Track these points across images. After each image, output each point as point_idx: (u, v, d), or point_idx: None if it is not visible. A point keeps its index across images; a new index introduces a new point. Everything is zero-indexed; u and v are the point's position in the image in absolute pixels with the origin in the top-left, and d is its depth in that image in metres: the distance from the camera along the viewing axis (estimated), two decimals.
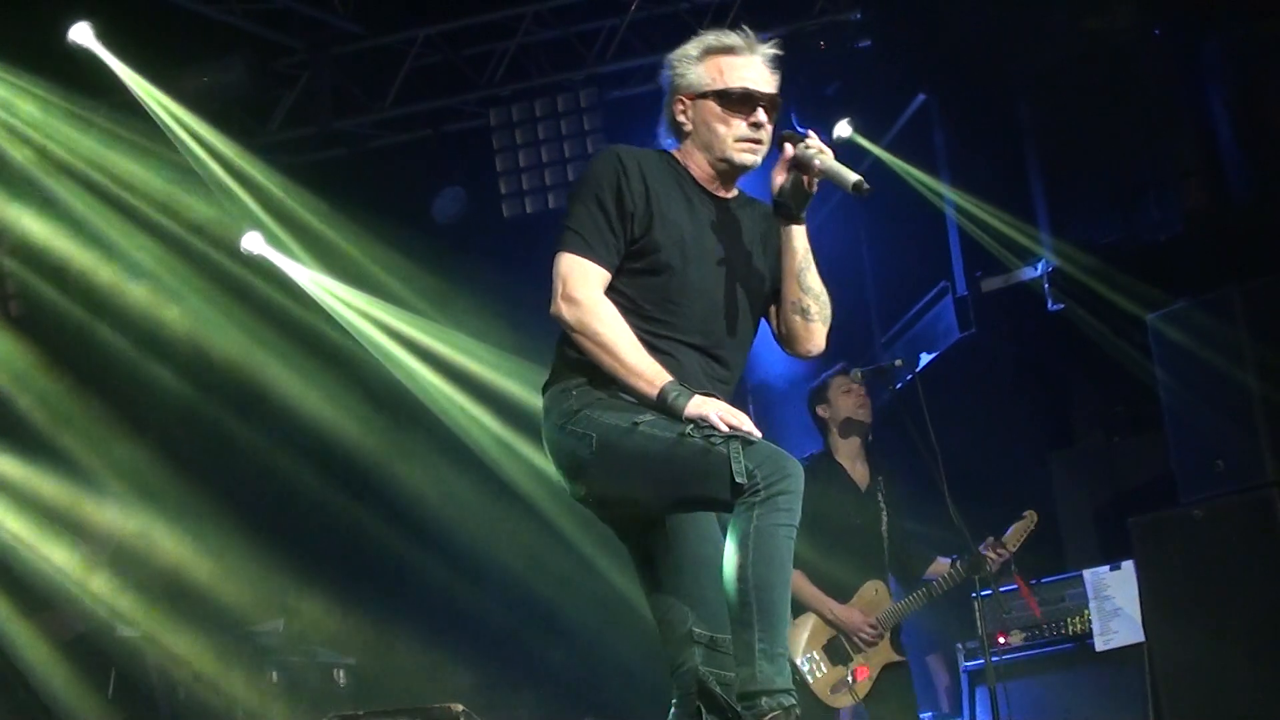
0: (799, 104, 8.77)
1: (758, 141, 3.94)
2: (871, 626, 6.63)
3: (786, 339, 4.06)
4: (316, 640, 8.41)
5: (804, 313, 3.99)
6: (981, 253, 8.62)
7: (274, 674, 7.84)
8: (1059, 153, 8.35)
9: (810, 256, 3.99)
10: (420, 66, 9.46)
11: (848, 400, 6.90)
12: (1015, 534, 6.71)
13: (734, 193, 4.07)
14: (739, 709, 3.67)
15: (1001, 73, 8.55)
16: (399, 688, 8.49)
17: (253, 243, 9.18)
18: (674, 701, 3.95)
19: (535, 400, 4.13)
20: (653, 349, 3.80)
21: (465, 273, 9.29)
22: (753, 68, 3.95)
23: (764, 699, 3.61)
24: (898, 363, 6.66)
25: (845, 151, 8.95)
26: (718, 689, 3.82)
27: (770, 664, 3.61)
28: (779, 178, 3.94)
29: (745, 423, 3.66)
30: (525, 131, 9.29)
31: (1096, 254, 7.98)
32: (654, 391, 3.70)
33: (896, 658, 6.75)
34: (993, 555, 6.58)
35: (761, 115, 3.92)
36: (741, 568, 3.60)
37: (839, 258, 10.06)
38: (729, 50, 3.96)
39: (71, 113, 8.39)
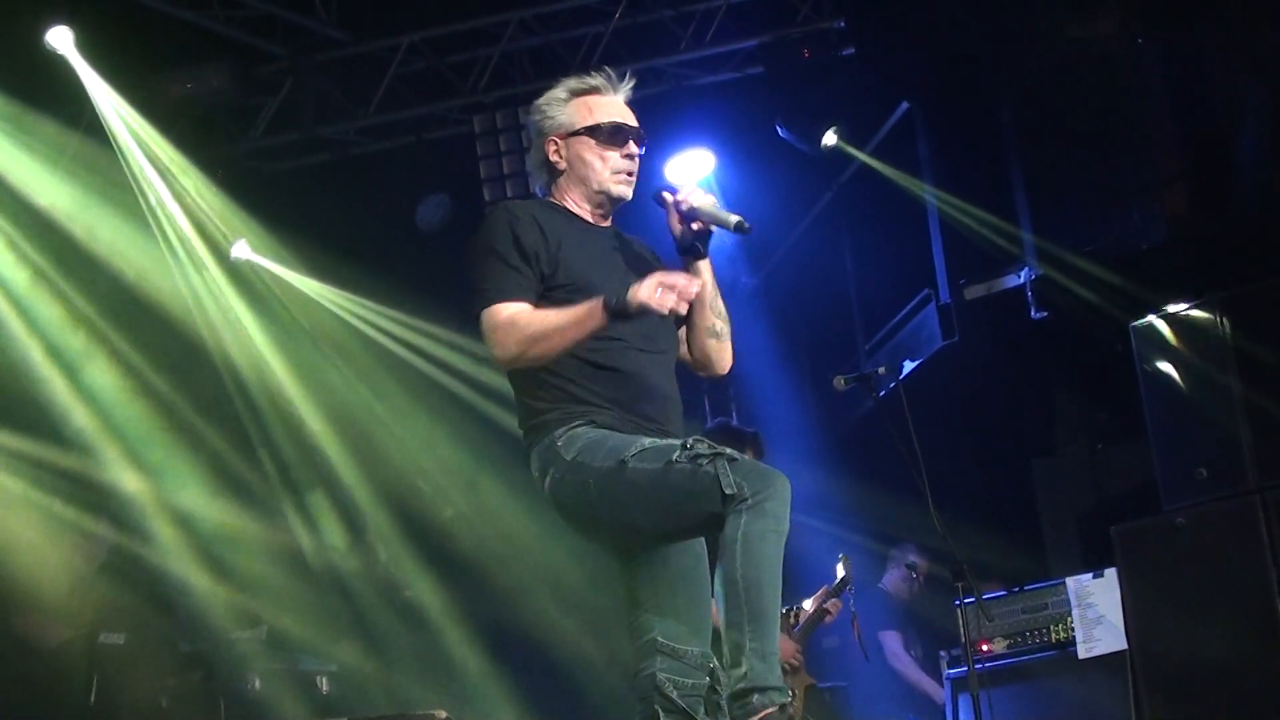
0: (783, 112, 8.77)
1: (631, 174, 4.16)
2: (798, 653, 6.83)
3: (701, 363, 4.28)
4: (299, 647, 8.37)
5: (717, 335, 4.24)
6: (965, 260, 8.63)
7: (256, 681, 7.80)
8: (1042, 160, 8.36)
9: (716, 284, 4.23)
10: (404, 73, 9.44)
11: None
12: (843, 572, 7.14)
13: (609, 224, 4.25)
14: (731, 710, 3.73)
15: (985, 81, 8.57)
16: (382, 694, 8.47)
17: (241, 250, 9.16)
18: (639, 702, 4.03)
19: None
20: (598, 367, 3.94)
21: (449, 281, 9.25)
22: (617, 105, 4.20)
23: (756, 696, 3.68)
24: (881, 370, 6.66)
25: (831, 159, 8.97)
26: (674, 693, 3.93)
27: (761, 662, 3.69)
28: (676, 227, 4.15)
29: (680, 279, 3.77)
30: (509, 138, 9.27)
31: (1080, 261, 7.99)
32: (601, 319, 3.81)
33: (811, 680, 6.98)
34: (830, 607, 7.09)
35: (633, 147, 4.15)
36: (732, 571, 3.71)
37: (822, 266, 10.08)
38: (593, 90, 4.22)
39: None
